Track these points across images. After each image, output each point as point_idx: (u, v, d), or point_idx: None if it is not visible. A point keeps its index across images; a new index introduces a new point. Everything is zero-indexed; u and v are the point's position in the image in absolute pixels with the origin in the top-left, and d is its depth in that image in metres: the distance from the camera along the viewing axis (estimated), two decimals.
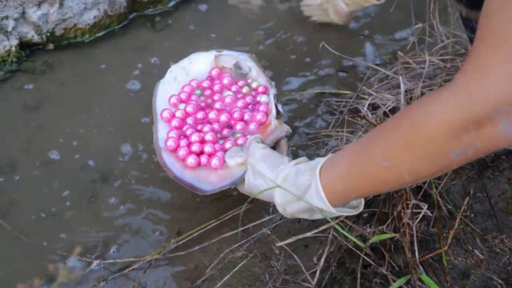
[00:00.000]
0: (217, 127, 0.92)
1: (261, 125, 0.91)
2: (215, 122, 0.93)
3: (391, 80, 1.09)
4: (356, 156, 0.65)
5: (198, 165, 0.87)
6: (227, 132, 0.92)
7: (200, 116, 0.94)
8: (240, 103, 0.95)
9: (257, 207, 0.89)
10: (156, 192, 0.96)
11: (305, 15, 1.26)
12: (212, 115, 0.93)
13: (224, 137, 0.91)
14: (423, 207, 0.70)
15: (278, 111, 0.91)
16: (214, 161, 0.86)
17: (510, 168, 0.90)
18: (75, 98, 1.11)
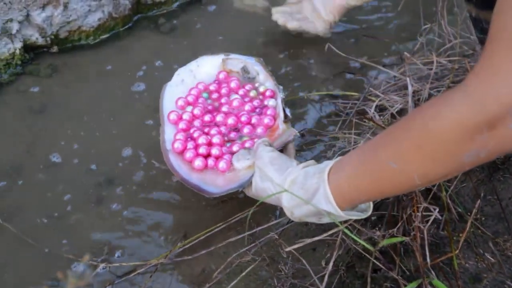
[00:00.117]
0: (224, 130, 0.91)
1: (268, 129, 0.91)
2: (222, 125, 0.92)
3: (398, 81, 1.08)
4: (365, 159, 0.64)
5: (205, 168, 0.86)
6: (234, 135, 0.91)
7: (207, 118, 0.93)
8: (248, 106, 0.94)
9: (264, 210, 0.88)
10: (161, 195, 0.96)
11: (280, 24, 1.16)
12: (219, 118, 0.93)
13: (231, 140, 0.90)
14: (434, 210, 0.69)
15: (286, 115, 0.90)
16: (222, 164, 0.85)
17: None
18: (80, 101, 1.11)
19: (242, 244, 0.85)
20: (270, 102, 0.94)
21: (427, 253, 0.70)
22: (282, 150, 0.86)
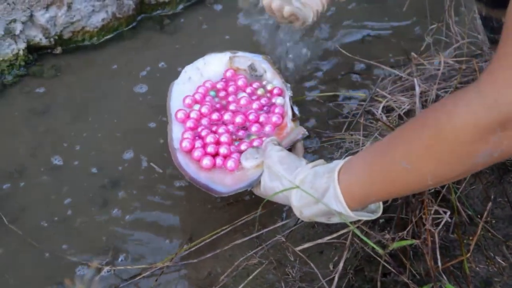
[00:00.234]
0: (232, 128, 0.90)
1: (276, 127, 0.90)
2: (230, 124, 0.91)
3: (405, 82, 1.07)
4: (376, 159, 0.63)
5: (213, 167, 0.85)
6: (242, 133, 0.90)
7: (215, 117, 0.92)
8: (255, 104, 0.93)
9: (270, 212, 0.87)
10: (166, 198, 0.95)
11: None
12: (227, 116, 0.92)
13: (239, 139, 0.89)
14: (445, 214, 0.68)
15: (294, 113, 0.89)
16: (230, 163, 0.84)
17: None
18: (83, 102, 1.10)
19: (248, 247, 0.84)
20: (278, 100, 0.93)
21: (438, 256, 0.69)
22: (291, 149, 0.85)
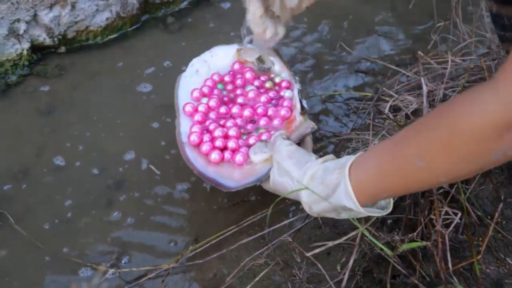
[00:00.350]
0: (240, 122, 0.89)
1: (285, 121, 0.88)
2: (238, 117, 0.90)
3: (412, 81, 1.05)
4: (389, 155, 0.62)
5: (221, 161, 0.84)
6: (251, 127, 0.89)
7: (222, 110, 0.91)
8: (264, 98, 0.92)
9: (277, 213, 0.86)
10: (171, 199, 0.94)
11: None
12: (235, 109, 0.90)
13: (247, 132, 0.88)
14: (455, 215, 0.67)
15: (303, 107, 0.87)
16: (238, 157, 0.83)
17: None
18: (87, 101, 1.09)
19: (254, 248, 0.83)
20: (286, 93, 0.92)
21: (449, 258, 0.68)
22: (300, 143, 0.83)
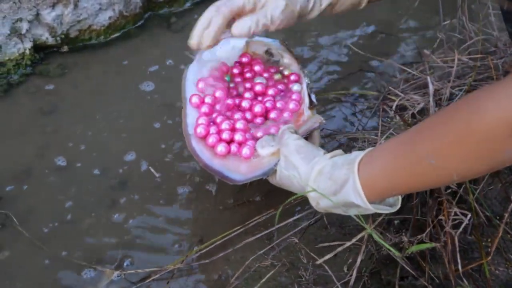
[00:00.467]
0: (249, 115, 0.88)
1: (293, 114, 0.87)
2: (247, 111, 0.88)
3: (418, 80, 1.05)
4: (399, 152, 0.61)
5: (228, 153, 0.83)
6: (260, 120, 0.87)
7: (229, 102, 0.89)
8: (272, 91, 0.90)
9: (282, 213, 0.85)
10: (175, 199, 0.93)
11: None
12: (245, 103, 0.89)
13: (256, 125, 0.87)
14: (465, 217, 0.66)
15: (311, 101, 0.86)
16: (245, 150, 0.81)
17: None
18: (90, 100, 1.08)
19: (260, 249, 0.82)
20: (295, 87, 0.90)
21: (459, 260, 0.67)
22: (307, 137, 0.82)
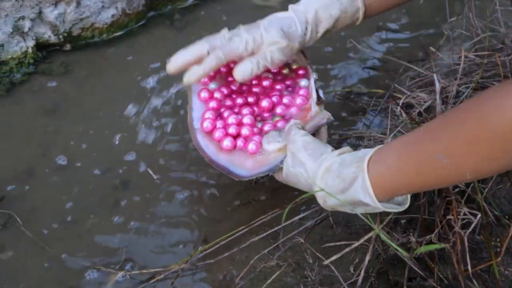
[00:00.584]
0: (257, 110, 0.87)
1: (301, 109, 0.86)
2: (255, 106, 0.87)
3: (424, 77, 1.03)
4: (410, 150, 0.60)
5: (234, 148, 0.82)
6: (267, 115, 0.86)
7: (239, 101, 0.88)
8: (279, 86, 0.89)
9: (288, 211, 0.84)
10: (178, 199, 0.92)
11: None
12: (251, 99, 0.88)
13: (263, 119, 0.86)
14: (474, 217, 0.65)
15: (319, 96, 0.85)
16: (251, 146, 0.80)
17: None
18: (93, 99, 1.08)
19: (265, 249, 0.81)
20: (302, 82, 0.89)
21: (468, 261, 0.66)
22: (314, 134, 0.81)
